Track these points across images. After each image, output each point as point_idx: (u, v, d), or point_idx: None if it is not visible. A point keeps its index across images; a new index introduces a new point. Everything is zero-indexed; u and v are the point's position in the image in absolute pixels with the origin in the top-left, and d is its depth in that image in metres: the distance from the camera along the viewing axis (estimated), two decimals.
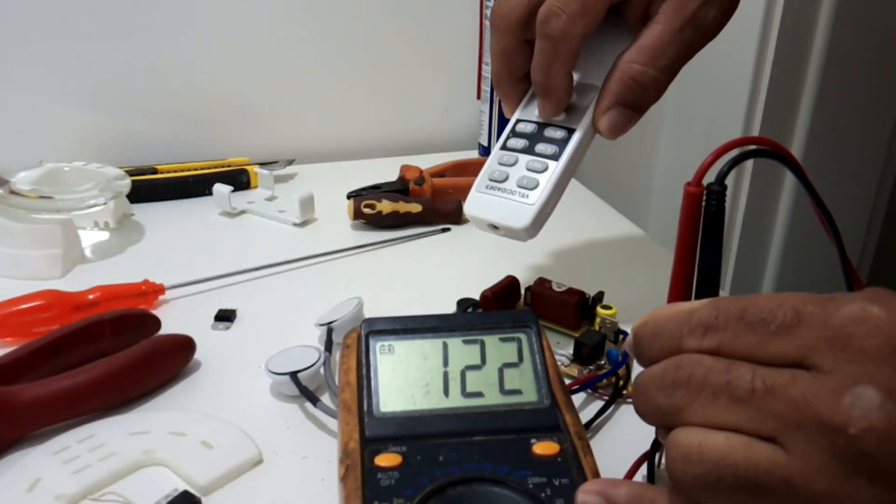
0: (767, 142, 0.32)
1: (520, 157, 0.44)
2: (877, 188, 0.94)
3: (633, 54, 0.44)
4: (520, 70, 0.46)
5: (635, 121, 0.45)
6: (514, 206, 0.42)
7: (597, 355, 0.47)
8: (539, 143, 0.44)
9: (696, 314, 0.27)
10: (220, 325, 0.52)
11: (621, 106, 0.44)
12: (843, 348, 0.24)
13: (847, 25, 0.80)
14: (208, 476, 0.38)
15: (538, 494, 0.31)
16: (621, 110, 0.44)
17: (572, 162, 0.44)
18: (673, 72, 0.44)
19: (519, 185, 0.43)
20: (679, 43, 0.43)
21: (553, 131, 0.45)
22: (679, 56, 0.44)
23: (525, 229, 0.42)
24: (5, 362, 0.43)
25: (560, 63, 0.43)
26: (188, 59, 0.77)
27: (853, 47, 0.83)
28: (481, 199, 0.44)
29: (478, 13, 0.83)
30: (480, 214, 0.43)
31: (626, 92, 0.44)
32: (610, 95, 0.44)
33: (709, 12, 0.43)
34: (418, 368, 0.36)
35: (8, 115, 0.74)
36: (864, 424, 0.23)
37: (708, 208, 0.32)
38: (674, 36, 0.43)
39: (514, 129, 0.46)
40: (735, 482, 0.25)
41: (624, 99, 0.44)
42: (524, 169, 0.43)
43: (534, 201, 0.42)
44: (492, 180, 0.44)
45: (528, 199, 0.42)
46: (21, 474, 0.38)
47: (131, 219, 0.68)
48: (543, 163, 0.43)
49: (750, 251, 0.93)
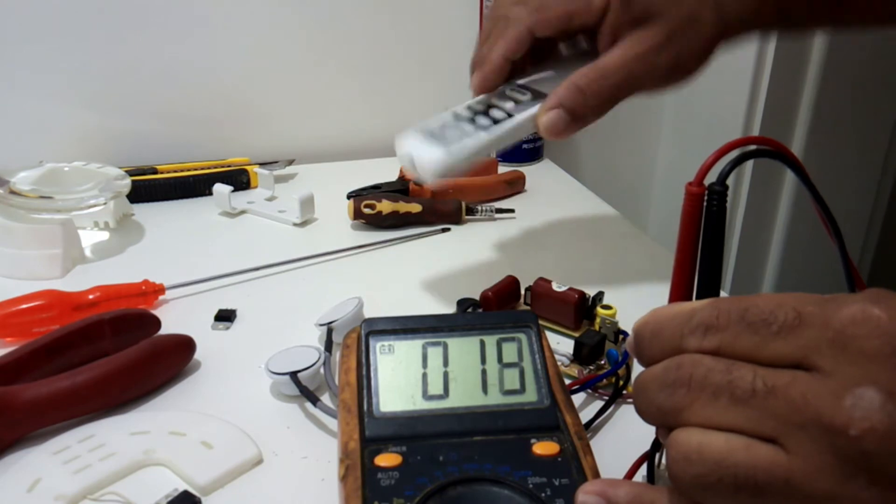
0: (769, 142, 0.32)
1: (461, 123, 0.50)
2: (877, 188, 0.94)
3: (586, 69, 0.49)
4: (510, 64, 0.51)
5: (571, 128, 0.49)
6: (434, 151, 0.48)
7: (597, 355, 0.47)
8: (480, 117, 0.50)
9: (697, 314, 0.27)
10: (220, 325, 0.52)
11: (562, 108, 0.49)
12: (843, 349, 0.24)
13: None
14: (208, 476, 0.38)
15: (538, 494, 0.31)
16: (560, 113, 0.49)
17: (498, 139, 0.49)
18: (614, 95, 0.49)
19: (447, 138, 0.49)
20: (627, 72, 0.48)
21: (496, 112, 0.50)
22: (623, 82, 0.48)
23: (432, 170, 0.48)
24: (5, 362, 0.43)
25: (503, 41, 0.50)
26: (188, 59, 0.77)
27: (853, 47, 0.83)
28: (413, 136, 0.50)
29: (477, 13, 0.83)
30: (405, 146, 0.50)
31: (569, 96, 0.48)
32: (555, 97, 0.49)
33: (660, 56, 0.48)
34: (418, 368, 0.36)
35: (8, 116, 0.74)
36: (865, 425, 0.23)
37: (709, 208, 0.32)
38: (625, 63, 0.48)
39: (470, 104, 0.52)
40: (735, 482, 0.25)
41: (565, 102, 0.48)
42: (456, 130, 0.50)
43: (448, 154, 0.48)
44: (429, 128, 0.50)
45: (446, 150, 0.48)
46: (21, 474, 0.38)
47: (131, 219, 0.68)
48: (475, 130, 0.49)
49: (750, 251, 0.93)
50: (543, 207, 0.73)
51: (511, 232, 0.67)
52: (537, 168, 0.84)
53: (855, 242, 0.96)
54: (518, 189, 0.76)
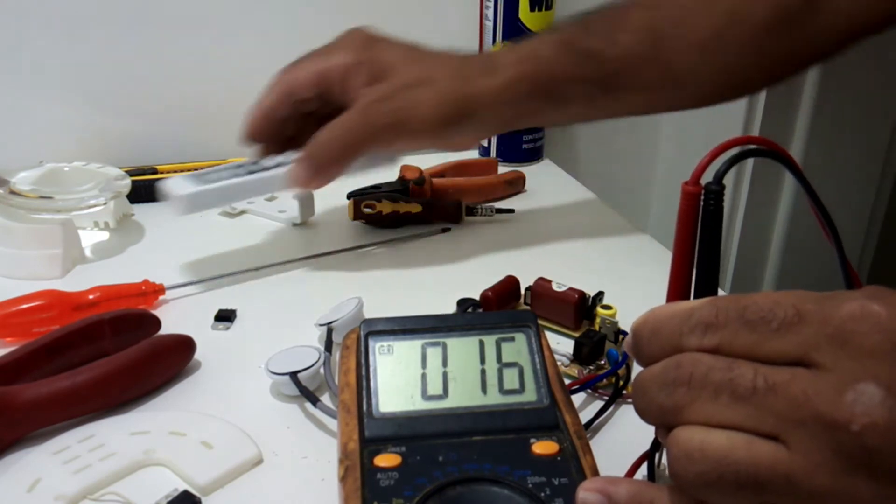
0: (765, 141, 0.32)
1: (224, 172, 0.57)
2: (877, 188, 0.94)
3: (326, 125, 0.53)
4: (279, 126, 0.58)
5: (315, 179, 0.54)
6: (185, 186, 0.55)
7: (597, 355, 0.47)
8: (242, 170, 0.57)
9: (696, 313, 0.27)
10: (220, 325, 0.52)
11: (305, 160, 0.54)
12: (843, 345, 0.24)
13: None
14: (208, 476, 0.38)
15: (538, 494, 0.31)
16: (303, 164, 0.54)
17: (247, 185, 0.56)
18: (348, 148, 0.53)
19: (204, 180, 0.56)
20: (351, 125, 0.53)
21: (253, 166, 0.58)
22: (351, 136, 0.53)
23: (177, 198, 0.55)
24: (5, 362, 0.43)
25: (264, 100, 0.57)
26: (189, 59, 0.77)
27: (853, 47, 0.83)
28: (181, 180, 0.57)
29: (477, 14, 0.83)
30: (169, 182, 0.57)
31: (309, 150, 0.54)
32: (302, 152, 0.54)
33: (382, 108, 0.52)
34: (417, 369, 0.36)
35: (8, 116, 0.74)
36: (866, 421, 0.23)
37: (706, 207, 0.32)
38: (350, 117, 0.53)
39: (244, 162, 0.59)
40: (737, 480, 0.25)
41: (309, 156, 0.54)
42: (216, 175, 0.57)
43: (195, 190, 0.55)
44: (198, 173, 0.58)
45: (195, 187, 0.55)
46: (21, 474, 0.38)
47: (131, 219, 0.68)
48: (230, 177, 0.56)
49: (750, 251, 0.93)
50: (543, 207, 0.73)
51: (511, 232, 0.67)
52: (537, 168, 0.84)
53: (855, 242, 0.96)
54: (518, 189, 0.76)
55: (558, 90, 0.54)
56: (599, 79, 0.54)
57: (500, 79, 0.53)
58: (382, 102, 0.52)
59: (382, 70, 0.53)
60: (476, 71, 0.54)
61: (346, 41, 0.56)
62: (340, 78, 0.54)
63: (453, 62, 0.54)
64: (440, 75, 0.53)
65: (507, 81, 0.53)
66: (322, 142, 0.53)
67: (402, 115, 0.52)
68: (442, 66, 0.54)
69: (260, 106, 0.57)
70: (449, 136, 0.54)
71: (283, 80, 0.56)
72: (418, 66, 0.53)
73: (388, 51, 0.54)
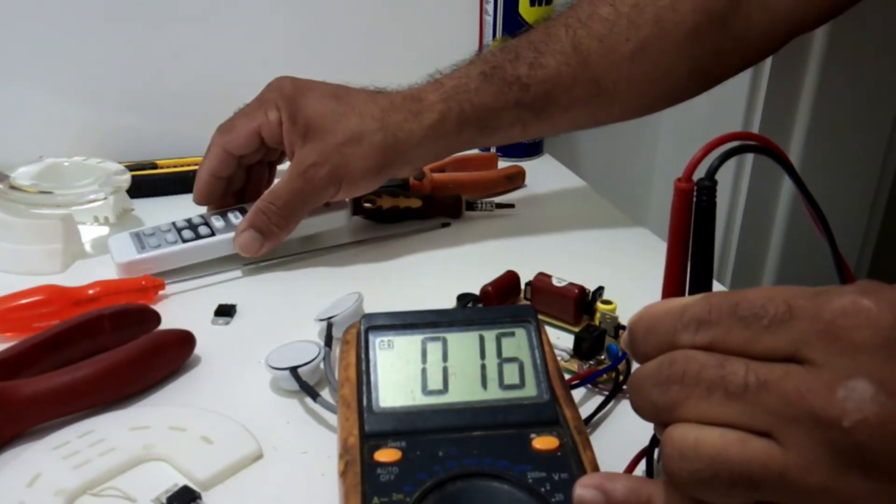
0: (757, 137, 0.32)
1: (167, 234, 0.58)
2: (876, 187, 0.94)
3: (267, 192, 0.57)
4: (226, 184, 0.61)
5: (265, 245, 0.57)
6: (127, 251, 0.56)
7: (597, 350, 0.47)
8: (187, 231, 0.58)
9: (690, 310, 0.27)
10: (220, 321, 0.52)
11: (251, 228, 0.56)
12: (834, 341, 0.24)
13: (847, 23, 0.80)
14: (208, 471, 0.38)
15: (538, 489, 0.31)
16: (251, 232, 0.56)
17: (191, 253, 0.57)
18: (291, 211, 0.57)
19: (146, 244, 0.57)
20: (291, 190, 0.56)
21: (204, 229, 0.58)
22: (294, 200, 0.56)
23: (118, 263, 0.56)
24: (5, 357, 0.43)
25: (206, 161, 0.59)
26: (188, 54, 0.77)
27: (853, 45, 0.83)
28: (125, 233, 0.58)
29: (477, 13, 0.83)
30: (114, 238, 0.58)
31: (255, 218, 0.56)
32: (246, 220, 0.57)
33: (319, 171, 0.55)
34: (417, 364, 0.36)
35: (8, 110, 0.74)
36: (858, 417, 0.23)
37: (699, 203, 0.32)
38: (290, 182, 0.56)
39: (190, 217, 0.60)
40: (730, 477, 0.25)
41: (253, 223, 0.56)
42: (158, 239, 0.57)
43: (142, 254, 0.56)
44: (141, 231, 0.59)
45: (137, 252, 0.56)
46: (21, 469, 0.38)
47: (131, 214, 0.68)
48: (172, 243, 0.57)
49: (750, 248, 0.93)
50: (543, 202, 0.73)
51: (511, 227, 0.67)
52: (537, 163, 0.84)
53: (854, 241, 0.96)
54: (518, 184, 0.76)
55: (488, 119, 0.57)
56: (529, 103, 0.56)
57: (427, 120, 0.56)
58: (319, 166, 0.55)
59: (312, 128, 0.56)
60: (401, 117, 0.56)
61: (274, 95, 0.57)
62: (275, 133, 0.57)
63: (377, 111, 0.57)
64: (367, 128, 0.56)
65: (433, 122, 0.56)
66: (267, 210, 0.56)
67: (340, 173, 0.56)
68: (368, 118, 0.56)
69: (205, 169, 0.59)
70: (386, 178, 0.59)
71: (221, 143, 0.58)
72: (345, 121, 0.56)
73: (314, 105, 0.57)
